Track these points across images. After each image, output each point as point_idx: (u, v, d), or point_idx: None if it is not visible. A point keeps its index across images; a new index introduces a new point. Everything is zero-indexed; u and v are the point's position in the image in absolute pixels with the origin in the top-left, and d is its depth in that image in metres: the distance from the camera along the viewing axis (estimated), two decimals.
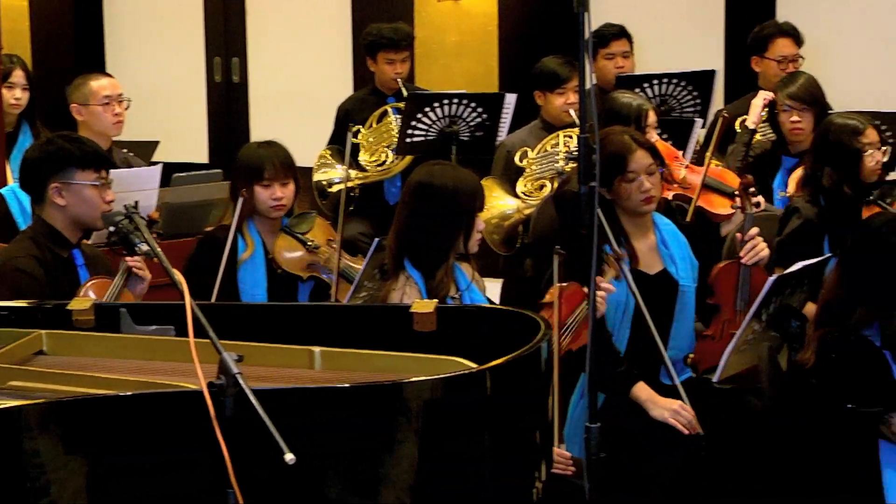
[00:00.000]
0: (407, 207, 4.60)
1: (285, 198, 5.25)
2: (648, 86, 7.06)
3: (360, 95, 7.76)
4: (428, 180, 4.58)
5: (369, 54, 7.48)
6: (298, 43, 9.60)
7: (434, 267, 4.53)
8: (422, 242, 4.54)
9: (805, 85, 6.33)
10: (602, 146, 4.84)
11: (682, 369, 5.00)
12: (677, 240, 5.04)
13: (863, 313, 4.11)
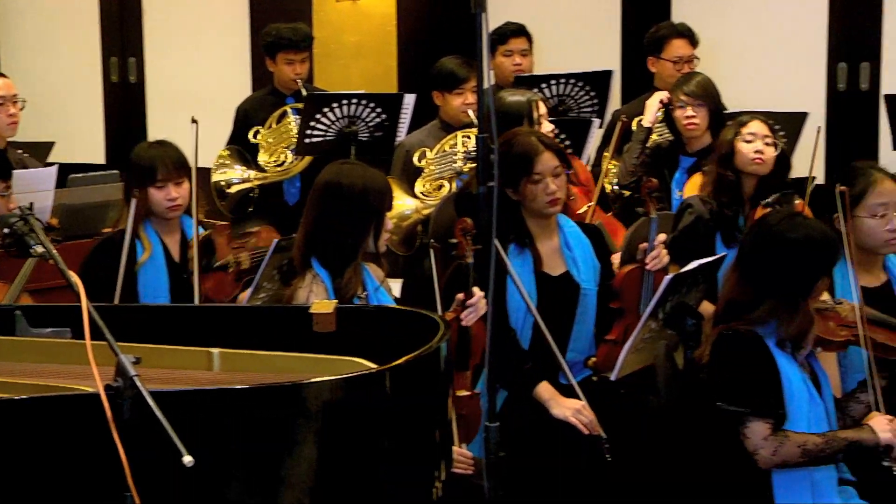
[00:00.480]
0: (316, 206, 4.57)
1: (180, 197, 5.19)
2: (546, 86, 7.09)
3: (259, 96, 7.72)
4: (337, 179, 4.56)
5: (268, 55, 7.45)
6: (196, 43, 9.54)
7: (342, 266, 4.52)
8: (330, 241, 4.52)
9: (700, 82, 6.40)
10: (509, 147, 4.89)
11: (582, 370, 5.03)
12: (580, 242, 5.06)
13: (763, 311, 4.15)
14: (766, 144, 5.49)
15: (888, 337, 4.44)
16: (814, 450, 4.10)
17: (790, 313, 4.14)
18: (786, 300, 4.14)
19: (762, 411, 4.09)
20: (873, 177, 4.70)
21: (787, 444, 4.08)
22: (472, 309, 4.48)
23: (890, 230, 4.65)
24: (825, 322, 4.33)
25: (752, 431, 4.10)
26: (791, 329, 4.14)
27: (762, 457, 4.09)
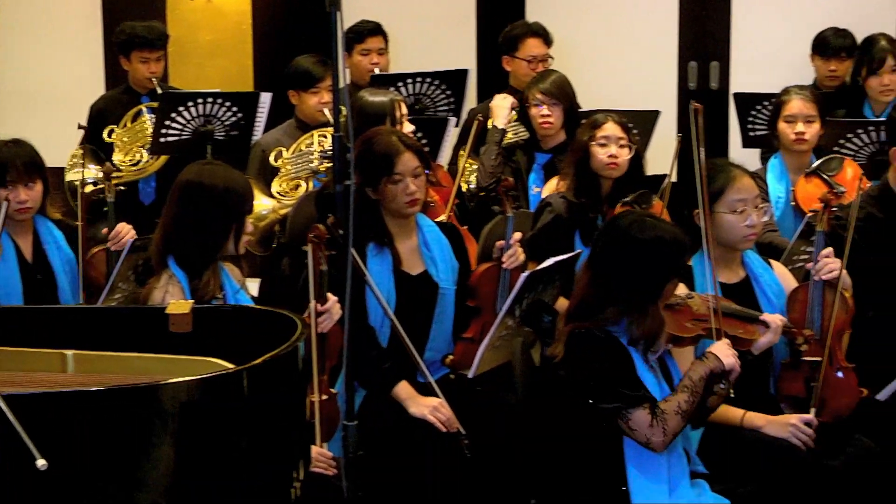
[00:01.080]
0: (175, 206, 4.50)
1: (30, 200, 5.08)
2: (402, 85, 7.10)
3: (113, 95, 7.62)
4: (199, 179, 4.50)
5: (122, 53, 7.36)
6: (47, 40, 9.36)
7: (200, 267, 4.46)
8: (188, 242, 4.45)
9: (556, 81, 6.45)
10: (369, 146, 4.88)
11: (440, 368, 5.04)
12: (439, 242, 5.07)
13: (613, 312, 4.19)
14: (620, 147, 5.55)
15: (742, 329, 4.50)
16: (687, 407, 4.15)
17: (640, 315, 4.18)
18: (635, 302, 4.18)
19: (636, 400, 4.13)
20: (732, 173, 4.76)
21: (668, 419, 4.12)
22: (325, 316, 4.46)
23: (748, 226, 4.72)
24: (677, 318, 4.37)
25: (636, 423, 4.13)
26: (641, 331, 4.18)
27: (656, 442, 4.13)
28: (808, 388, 4.68)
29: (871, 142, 6.39)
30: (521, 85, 7.20)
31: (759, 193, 4.81)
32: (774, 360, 4.77)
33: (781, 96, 6.35)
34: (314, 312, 4.38)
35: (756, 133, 7.14)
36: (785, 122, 6.28)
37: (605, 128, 5.57)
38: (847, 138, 6.40)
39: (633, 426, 4.13)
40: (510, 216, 5.23)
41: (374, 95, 5.94)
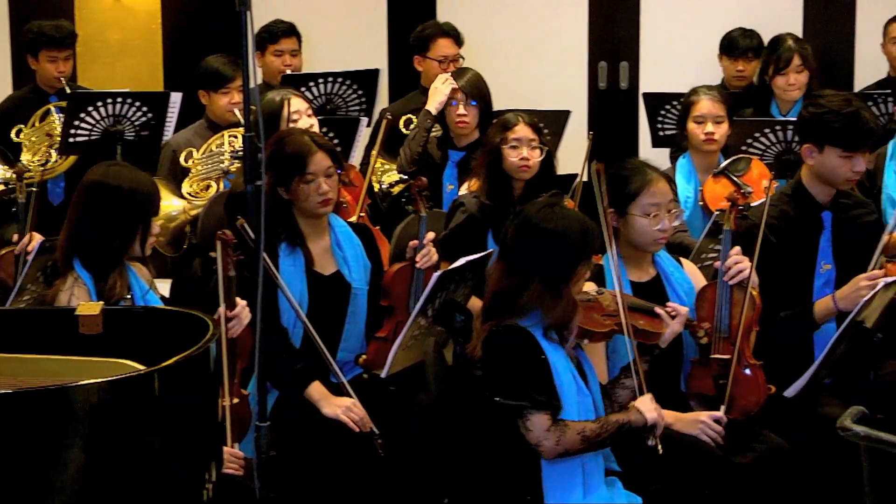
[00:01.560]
0: (80, 207, 4.45)
1: None
2: (314, 84, 7.09)
3: (20, 94, 7.55)
4: (104, 180, 4.45)
5: (30, 52, 7.29)
6: None
7: (107, 269, 4.42)
8: (94, 243, 4.41)
9: (471, 79, 6.46)
10: (282, 146, 4.87)
11: (354, 368, 5.04)
12: (351, 242, 5.07)
13: (528, 299, 4.21)
14: (531, 149, 5.57)
15: (649, 322, 4.55)
16: (591, 436, 4.18)
17: (554, 299, 4.20)
18: (548, 286, 4.20)
19: (541, 403, 4.15)
20: (649, 176, 4.78)
21: (567, 433, 4.15)
22: (235, 321, 4.44)
23: (660, 230, 4.75)
24: (589, 313, 4.41)
25: (534, 424, 4.15)
26: (556, 315, 4.20)
27: (546, 448, 4.15)
28: (717, 385, 4.72)
29: (779, 141, 6.47)
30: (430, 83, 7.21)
31: (672, 198, 4.83)
32: (684, 357, 4.81)
33: (690, 97, 6.39)
34: (224, 318, 4.36)
35: (665, 133, 7.21)
36: (694, 123, 6.33)
37: (517, 129, 5.58)
38: (755, 137, 6.47)
39: (529, 426, 4.16)
40: (423, 216, 5.24)
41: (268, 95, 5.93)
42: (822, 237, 5.12)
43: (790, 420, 4.79)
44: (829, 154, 5.02)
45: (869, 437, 3.10)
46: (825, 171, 5.05)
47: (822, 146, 5.03)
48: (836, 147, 5.00)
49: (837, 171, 5.03)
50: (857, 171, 5.05)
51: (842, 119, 4.98)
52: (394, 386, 4.94)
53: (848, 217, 5.16)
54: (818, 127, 5.04)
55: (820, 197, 5.13)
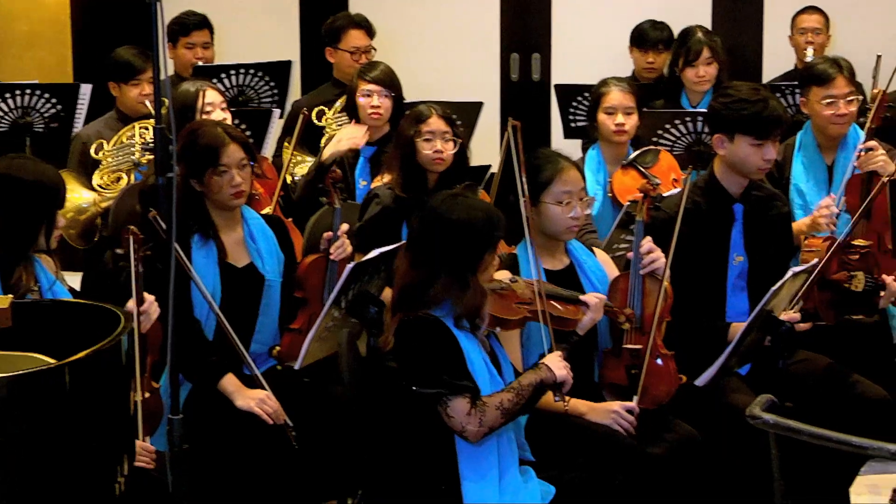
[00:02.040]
0: None
1: None
2: (226, 76, 7.05)
3: None
4: (6, 173, 4.38)
5: None
6: None
7: (11, 263, 4.37)
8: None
9: (385, 71, 6.44)
10: (194, 138, 4.84)
11: (267, 360, 5.02)
12: (265, 234, 5.05)
13: (437, 291, 4.21)
14: (445, 141, 5.58)
15: (564, 309, 4.57)
16: (510, 406, 4.19)
17: (461, 289, 4.21)
18: (455, 277, 4.21)
19: (459, 388, 4.15)
20: (560, 165, 4.81)
21: (488, 412, 4.15)
22: (144, 316, 4.41)
23: (573, 217, 4.78)
24: (502, 301, 4.42)
25: (455, 410, 4.15)
26: (465, 305, 4.21)
27: (471, 431, 4.15)
28: (629, 375, 4.75)
29: (689, 132, 6.52)
30: (344, 77, 7.19)
31: (584, 186, 4.87)
32: (598, 347, 4.84)
33: (600, 88, 6.43)
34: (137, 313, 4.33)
35: (577, 124, 7.24)
36: (605, 114, 6.36)
37: (430, 122, 5.59)
38: (665, 129, 6.51)
39: (451, 413, 4.16)
40: (337, 208, 5.22)
41: (183, 86, 5.91)
42: (734, 229, 5.17)
43: (701, 409, 4.84)
44: (739, 143, 5.08)
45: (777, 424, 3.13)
46: (737, 160, 5.11)
47: (732, 135, 5.09)
48: (746, 136, 5.06)
49: (749, 160, 5.09)
50: (768, 159, 5.11)
51: (751, 107, 5.05)
52: (307, 378, 4.94)
53: (759, 209, 5.22)
54: (728, 116, 5.10)
55: (732, 189, 5.17)
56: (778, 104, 5.15)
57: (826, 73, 6.05)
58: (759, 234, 5.19)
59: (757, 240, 5.18)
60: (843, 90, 6.03)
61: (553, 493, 4.28)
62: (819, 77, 6.08)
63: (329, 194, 5.29)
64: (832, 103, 6.02)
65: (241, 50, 8.24)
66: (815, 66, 6.19)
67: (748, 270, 5.16)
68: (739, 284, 5.14)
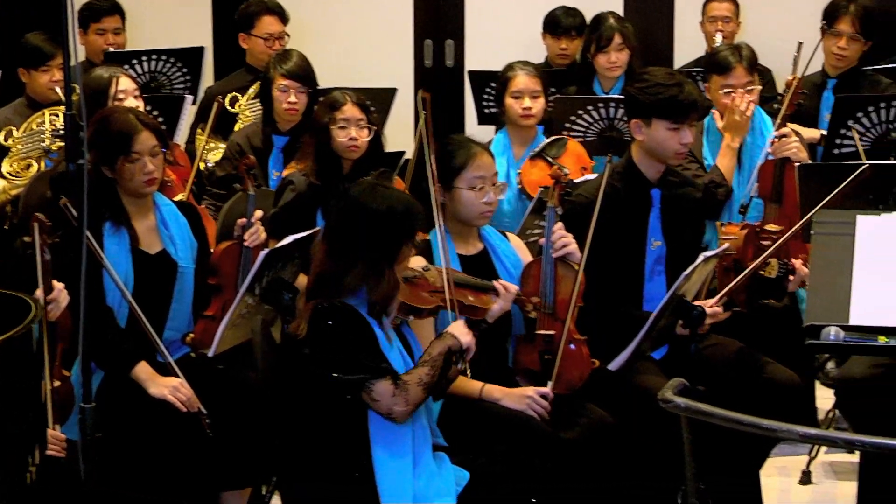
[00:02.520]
0: None
1: None
2: (138, 62, 7.00)
3: None
4: None
5: None
6: None
7: None
8: None
9: (300, 65, 6.39)
10: (106, 125, 4.80)
11: (181, 348, 4.99)
12: (177, 220, 5.01)
13: (352, 280, 4.20)
14: (359, 128, 5.57)
15: (475, 298, 4.58)
16: (429, 380, 4.19)
17: (377, 280, 4.20)
18: (372, 267, 4.20)
19: (381, 371, 4.14)
20: (473, 150, 4.81)
21: (410, 389, 4.15)
22: (53, 304, 4.36)
23: (486, 203, 4.79)
24: (415, 290, 4.42)
25: (379, 393, 4.14)
26: (378, 294, 4.21)
27: (398, 412, 4.15)
28: (542, 360, 4.77)
29: (601, 118, 6.55)
30: (257, 63, 7.17)
31: (496, 171, 4.87)
32: (511, 333, 4.85)
33: (507, 72, 6.47)
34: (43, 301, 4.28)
35: (490, 110, 7.26)
36: (512, 98, 6.41)
37: (345, 109, 5.57)
38: (578, 115, 6.55)
39: (375, 396, 4.15)
40: (251, 194, 5.20)
41: (97, 71, 5.85)
42: (652, 214, 5.18)
43: (614, 393, 4.86)
44: (656, 127, 5.09)
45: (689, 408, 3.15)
46: (654, 145, 5.12)
47: (649, 120, 5.10)
48: (663, 120, 5.07)
49: (666, 144, 5.11)
50: (685, 143, 5.12)
51: (667, 91, 5.07)
52: (221, 365, 4.91)
53: (676, 194, 5.24)
54: (645, 101, 5.11)
55: (649, 174, 5.19)
56: (693, 88, 5.17)
57: (726, 62, 6.11)
58: (676, 218, 5.21)
59: (674, 224, 5.21)
60: (741, 80, 6.09)
61: (467, 478, 4.28)
62: (719, 66, 6.15)
63: (243, 181, 5.26)
64: (730, 92, 6.08)
65: (152, 36, 8.17)
66: (716, 55, 6.27)
67: (666, 255, 5.18)
68: (657, 269, 5.17)
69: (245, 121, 6.88)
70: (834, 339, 4.08)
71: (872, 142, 6.31)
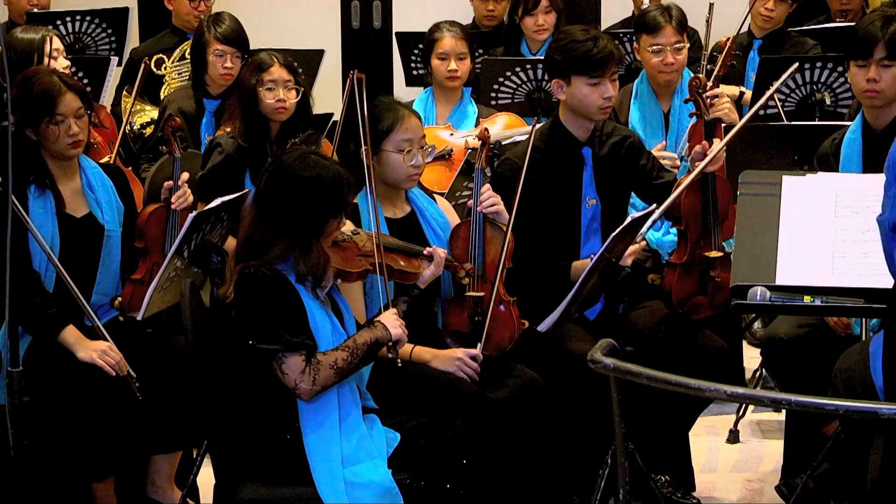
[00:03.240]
0: None
1: None
2: (62, 23, 6.93)
3: None
4: None
5: None
6: None
7: None
8: None
9: (234, 28, 6.33)
10: (28, 87, 4.74)
11: (109, 311, 4.96)
12: (103, 183, 4.97)
13: (279, 250, 4.18)
14: (287, 90, 5.53)
15: (406, 263, 4.58)
16: (344, 365, 4.19)
17: (304, 252, 4.19)
18: (299, 239, 4.19)
19: (294, 345, 4.14)
20: (400, 113, 4.78)
21: (321, 370, 4.15)
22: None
23: (414, 165, 4.76)
24: (344, 253, 4.40)
25: (289, 367, 4.14)
26: (306, 267, 4.20)
27: (303, 390, 4.15)
28: (472, 322, 4.77)
29: (529, 80, 6.56)
30: (183, 25, 7.12)
31: (424, 134, 4.85)
32: (441, 294, 4.86)
33: (433, 33, 6.48)
34: None
35: (418, 72, 7.24)
36: (438, 59, 6.42)
37: (272, 71, 5.54)
38: (506, 76, 6.55)
39: (285, 370, 4.16)
40: (178, 157, 5.16)
41: (24, 32, 5.79)
42: (585, 172, 5.15)
43: (542, 354, 4.88)
44: (576, 84, 5.06)
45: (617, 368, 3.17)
46: (576, 103, 5.09)
47: (568, 78, 5.07)
48: (581, 76, 5.04)
49: (588, 100, 5.06)
50: (608, 97, 5.06)
51: (581, 46, 5.03)
52: (150, 328, 4.89)
53: (607, 150, 5.23)
54: (562, 59, 5.08)
55: (578, 133, 5.15)
56: (609, 42, 5.09)
57: (655, 22, 6.14)
58: (609, 174, 5.20)
59: (609, 181, 5.19)
60: (670, 39, 6.12)
61: (398, 439, 4.30)
62: (648, 25, 6.17)
63: (169, 143, 5.22)
64: (660, 51, 6.11)
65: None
66: (645, 15, 6.28)
67: (601, 212, 5.17)
68: (593, 227, 5.13)
69: (171, 83, 6.82)
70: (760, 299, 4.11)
71: (797, 103, 6.37)
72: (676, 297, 5.06)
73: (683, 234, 5.13)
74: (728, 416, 5.92)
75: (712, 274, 5.04)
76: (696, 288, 5.09)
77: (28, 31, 5.83)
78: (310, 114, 5.73)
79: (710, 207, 5.08)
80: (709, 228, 5.08)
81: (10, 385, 3.90)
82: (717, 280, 5.03)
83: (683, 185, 4.94)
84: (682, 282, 5.08)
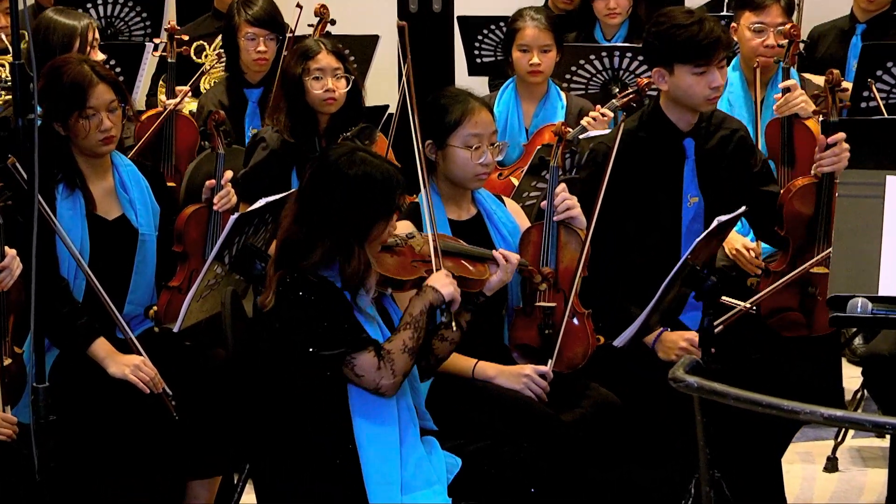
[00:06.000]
0: None
1: None
2: (92, 6, 6.97)
3: None
4: None
5: None
6: None
7: None
8: None
9: (267, 9, 6.37)
10: (58, 77, 4.78)
11: (143, 322, 4.99)
12: (138, 183, 4.99)
13: (318, 256, 4.17)
14: (336, 79, 5.54)
15: (471, 268, 4.51)
16: (412, 343, 4.20)
17: (346, 258, 4.17)
18: (340, 243, 4.17)
19: (361, 343, 4.15)
20: (471, 105, 4.76)
21: (395, 359, 4.16)
22: (5, 273, 4.34)
23: (482, 164, 4.74)
24: (398, 259, 4.35)
25: (362, 367, 4.15)
26: (347, 275, 4.18)
27: (386, 386, 4.16)
28: (542, 335, 4.76)
29: (605, 68, 6.54)
30: (225, 6, 7.14)
31: (495, 130, 4.82)
32: (508, 306, 4.84)
33: (515, 22, 6.40)
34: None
35: (483, 60, 7.24)
36: (519, 51, 6.35)
37: (319, 59, 5.55)
38: (580, 65, 6.52)
39: (359, 371, 4.15)
40: (221, 153, 5.19)
41: (62, 17, 5.83)
42: (686, 166, 5.10)
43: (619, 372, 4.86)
44: (680, 74, 4.95)
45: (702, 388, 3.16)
46: (680, 93, 4.99)
47: (671, 67, 4.95)
48: (685, 64, 4.92)
49: (693, 91, 4.97)
50: (716, 87, 4.97)
51: (685, 32, 4.91)
52: (188, 341, 4.91)
53: (714, 143, 5.15)
54: (662, 46, 4.97)
55: (680, 123, 5.07)
56: (716, 25, 4.98)
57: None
58: (715, 170, 5.12)
59: (713, 177, 5.11)
60: (776, 19, 6.06)
61: (459, 465, 4.29)
62: (753, 1, 6.11)
63: (212, 138, 5.24)
64: (762, 30, 6.06)
65: None
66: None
67: (703, 213, 5.11)
68: (694, 229, 5.03)
69: (213, 73, 6.86)
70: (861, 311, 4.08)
71: None
72: (767, 307, 5.02)
73: (784, 241, 5.09)
74: (826, 442, 5.89)
75: (812, 290, 4.99)
76: (792, 303, 5.04)
77: (68, 14, 5.86)
78: (362, 105, 5.73)
79: (821, 214, 5.02)
80: (815, 238, 5.02)
81: (35, 402, 3.94)
82: (818, 298, 4.97)
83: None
84: (778, 293, 5.04)
